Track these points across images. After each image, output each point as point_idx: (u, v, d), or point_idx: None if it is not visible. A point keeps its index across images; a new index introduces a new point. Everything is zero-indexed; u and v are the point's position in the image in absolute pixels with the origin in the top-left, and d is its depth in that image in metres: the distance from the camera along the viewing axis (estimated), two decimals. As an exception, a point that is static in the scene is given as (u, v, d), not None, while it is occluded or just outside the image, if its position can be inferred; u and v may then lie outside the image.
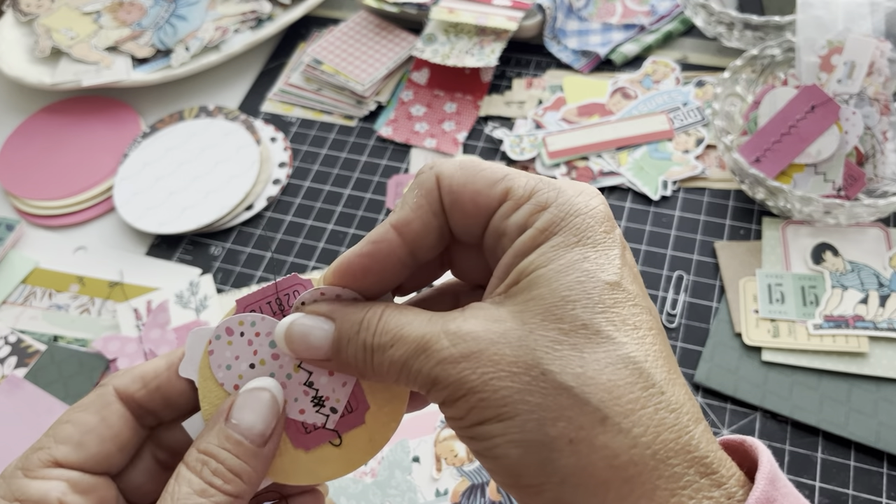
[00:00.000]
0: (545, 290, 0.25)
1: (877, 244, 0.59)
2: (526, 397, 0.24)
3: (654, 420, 0.23)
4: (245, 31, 0.81)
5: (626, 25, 0.78)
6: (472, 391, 0.24)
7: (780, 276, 0.58)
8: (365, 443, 0.30)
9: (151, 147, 0.74)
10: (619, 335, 0.24)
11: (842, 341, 0.54)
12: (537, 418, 0.23)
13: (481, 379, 0.24)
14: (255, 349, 0.30)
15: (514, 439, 0.24)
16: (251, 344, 0.30)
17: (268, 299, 0.30)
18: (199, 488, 0.27)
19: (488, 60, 0.73)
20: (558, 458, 0.23)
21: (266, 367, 0.30)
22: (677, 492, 0.23)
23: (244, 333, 0.30)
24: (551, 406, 0.23)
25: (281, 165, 0.72)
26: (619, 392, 0.23)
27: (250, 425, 0.28)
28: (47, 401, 0.58)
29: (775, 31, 0.68)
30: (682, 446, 0.23)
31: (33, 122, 0.80)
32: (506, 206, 0.27)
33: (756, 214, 0.63)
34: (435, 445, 0.52)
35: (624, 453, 0.23)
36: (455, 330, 0.25)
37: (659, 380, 0.24)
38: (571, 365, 0.24)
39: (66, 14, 0.85)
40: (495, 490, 0.50)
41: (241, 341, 0.30)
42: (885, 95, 0.60)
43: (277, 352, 0.30)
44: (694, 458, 0.23)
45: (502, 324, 0.25)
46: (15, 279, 0.67)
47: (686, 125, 0.69)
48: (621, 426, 0.23)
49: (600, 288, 0.25)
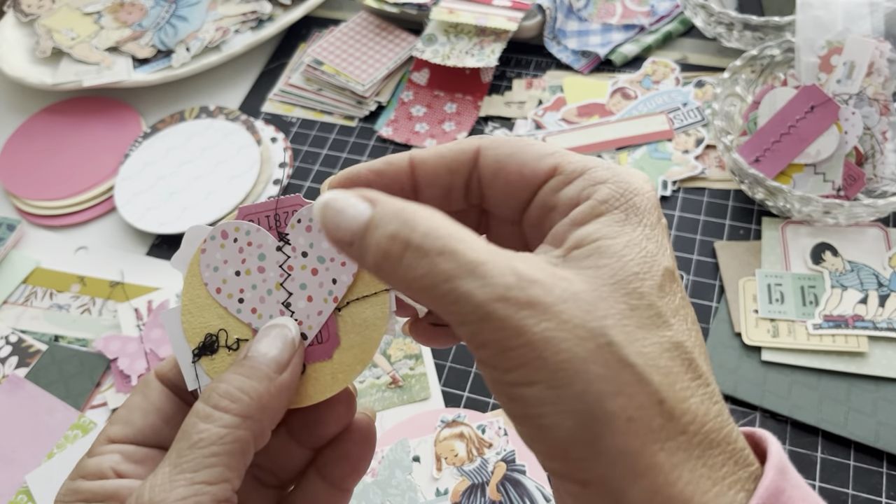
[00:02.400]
0: (615, 262, 0.24)
1: (876, 244, 0.59)
2: (588, 366, 0.22)
3: (701, 409, 0.23)
4: (245, 32, 0.81)
5: (625, 26, 0.78)
6: (530, 345, 0.22)
7: (780, 276, 0.58)
8: (328, 379, 0.29)
9: (152, 147, 0.74)
10: (675, 322, 0.24)
11: (841, 341, 0.54)
12: (598, 390, 0.22)
13: (543, 335, 0.22)
14: (244, 258, 0.30)
15: (568, 409, 0.22)
16: (241, 252, 0.30)
17: (267, 213, 0.30)
18: (205, 413, 0.26)
19: (488, 61, 0.73)
20: (613, 436, 0.22)
21: (251, 277, 0.30)
22: (718, 481, 0.23)
23: (237, 240, 0.30)
24: (613, 380, 0.22)
25: (281, 166, 0.73)
26: (674, 378, 0.23)
27: (263, 352, 0.28)
28: (48, 401, 0.58)
29: (775, 31, 0.69)
30: (724, 437, 0.23)
31: (34, 122, 0.80)
32: (556, 180, 0.27)
33: (756, 214, 0.63)
34: (435, 445, 0.53)
35: (675, 438, 0.22)
36: (524, 271, 0.23)
37: (704, 370, 0.24)
38: (637, 343, 0.23)
39: (66, 14, 0.85)
40: (495, 489, 0.50)
41: (233, 247, 0.30)
42: (884, 95, 0.60)
43: (263, 266, 0.30)
44: (734, 450, 0.23)
45: (571, 283, 0.23)
46: (16, 279, 0.67)
47: (686, 125, 0.69)
48: (675, 411, 0.22)
49: (661, 272, 0.24)
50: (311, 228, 0.30)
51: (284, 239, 0.30)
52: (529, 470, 0.51)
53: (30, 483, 0.54)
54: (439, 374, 0.57)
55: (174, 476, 0.25)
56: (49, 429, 0.57)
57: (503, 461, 0.51)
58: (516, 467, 0.51)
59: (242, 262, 0.30)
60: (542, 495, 0.50)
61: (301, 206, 0.30)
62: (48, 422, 0.57)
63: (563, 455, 0.23)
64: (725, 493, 0.23)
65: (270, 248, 0.30)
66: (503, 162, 0.27)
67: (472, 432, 0.53)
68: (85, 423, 0.57)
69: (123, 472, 0.28)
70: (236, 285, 0.30)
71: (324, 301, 0.29)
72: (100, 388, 0.59)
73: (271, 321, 0.29)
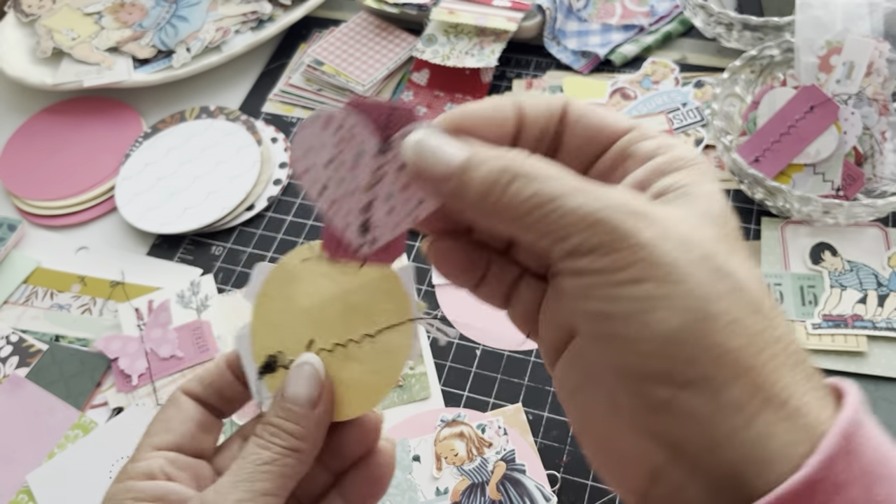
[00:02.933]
0: (704, 203, 0.26)
1: (875, 244, 0.59)
2: (694, 269, 0.24)
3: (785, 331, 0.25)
4: (246, 32, 0.81)
5: (625, 26, 0.78)
6: (641, 245, 0.24)
7: (779, 276, 0.58)
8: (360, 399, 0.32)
9: (153, 147, 0.75)
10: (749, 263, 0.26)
11: (840, 341, 0.54)
12: (705, 292, 0.23)
13: (653, 239, 0.24)
14: (341, 149, 0.30)
15: (677, 305, 0.23)
16: (341, 143, 0.30)
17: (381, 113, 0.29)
18: (261, 444, 0.30)
19: (488, 61, 0.73)
20: (717, 335, 0.23)
21: (341, 171, 0.30)
22: (810, 391, 0.24)
23: (341, 128, 0.30)
24: (716, 285, 0.24)
25: (282, 166, 0.73)
26: (762, 295, 0.25)
27: (296, 394, 0.31)
28: (49, 400, 0.59)
29: (774, 31, 0.69)
30: (804, 359, 0.25)
31: (35, 122, 0.80)
32: (635, 133, 0.29)
33: (755, 214, 0.63)
34: (435, 444, 0.53)
35: (771, 347, 0.24)
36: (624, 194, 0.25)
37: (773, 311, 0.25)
38: (730, 262, 0.24)
39: (67, 15, 0.85)
40: (495, 489, 0.50)
41: (333, 134, 0.30)
42: (883, 95, 0.60)
43: (358, 163, 0.29)
44: (813, 372, 0.25)
45: (672, 210, 0.26)
46: (17, 279, 0.67)
47: (685, 125, 0.69)
48: (769, 321, 0.24)
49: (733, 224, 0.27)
50: None
51: (388, 145, 0.29)
52: (529, 469, 0.51)
53: (30, 483, 0.54)
54: (439, 374, 0.57)
55: (237, 483, 0.29)
56: (50, 428, 0.57)
57: (503, 461, 0.51)
58: (516, 467, 0.51)
59: (339, 152, 0.30)
60: (542, 495, 0.50)
61: (414, 122, 0.29)
62: (49, 421, 0.57)
63: (667, 352, 0.24)
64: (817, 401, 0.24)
65: (371, 150, 0.29)
66: (588, 113, 0.30)
67: (472, 432, 0.53)
68: (86, 422, 0.57)
69: (171, 475, 0.31)
70: (324, 175, 0.30)
71: (404, 215, 0.29)
72: (100, 387, 0.59)
73: (298, 361, 0.32)
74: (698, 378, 0.23)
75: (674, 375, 0.24)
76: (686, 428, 0.24)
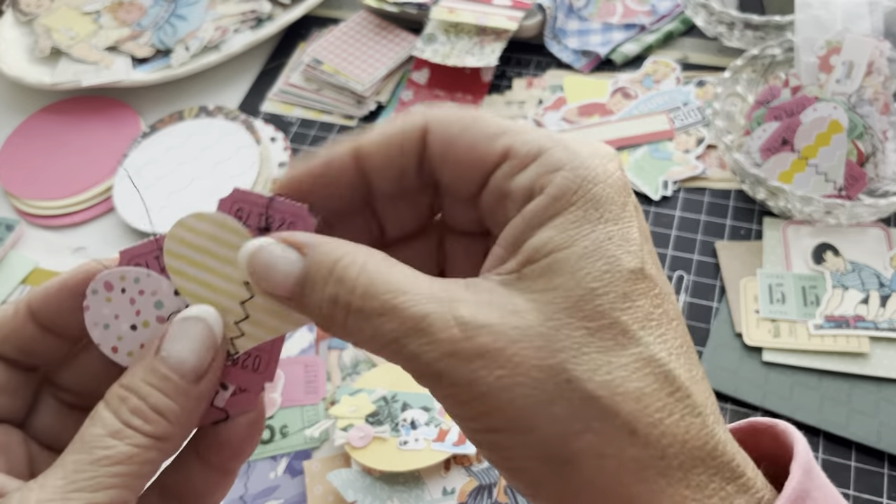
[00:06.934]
0: (569, 280, 0.22)
1: (878, 244, 0.59)
2: (549, 408, 0.21)
3: (680, 428, 0.22)
4: (245, 31, 0.81)
5: (626, 25, 0.78)
6: (487, 395, 0.21)
7: (781, 277, 0.58)
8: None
9: (151, 147, 0.74)
10: (643, 334, 0.22)
11: (843, 341, 0.54)
12: (561, 432, 0.21)
13: (499, 383, 0.21)
14: (139, 309, 0.26)
15: (534, 454, 0.21)
16: (133, 303, 0.26)
17: (155, 253, 0.26)
18: (114, 429, 0.23)
19: (488, 60, 0.73)
20: (584, 474, 0.21)
21: (150, 329, 0.26)
22: (704, 501, 0.21)
23: (126, 290, 0.26)
24: (577, 417, 0.21)
25: (281, 165, 0.72)
26: (647, 401, 0.21)
27: (181, 359, 0.24)
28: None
29: (776, 30, 0.68)
30: (708, 452, 0.22)
31: (33, 122, 0.80)
32: (508, 165, 0.24)
33: (757, 214, 0.63)
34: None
35: (653, 466, 0.21)
36: (468, 318, 0.22)
37: (684, 381, 0.22)
38: (600, 371, 0.21)
39: (65, 14, 0.85)
40: (503, 492, 0.50)
41: (121, 298, 0.26)
42: (884, 95, 0.60)
43: (163, 315, 0.26)
44: (720, 464, 0.22)
45: (522, 317, 0.22)
46: (14, 279, 0.67)
47: (686, 125, 0.69)
48: (650, 438, 0.21)
49: (625, 278, 0.22)
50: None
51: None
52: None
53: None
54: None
55: (69, 493, 0.22)
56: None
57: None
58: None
59: (137, 313, 0.26)
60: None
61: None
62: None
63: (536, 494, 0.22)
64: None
65: (168, 294, 0.26)
66: (452, 142, 0.25)
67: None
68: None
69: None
70: (136, 341, 0.26)
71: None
72: (99, 388, 0.59)
73: (188, 311, 0.25)
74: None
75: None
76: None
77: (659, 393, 0.22)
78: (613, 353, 0.22)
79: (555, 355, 0.21)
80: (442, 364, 0.21)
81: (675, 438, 0.21)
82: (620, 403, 0.21)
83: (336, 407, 0.53)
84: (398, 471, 0.50)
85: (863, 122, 0.58)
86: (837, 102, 0.58)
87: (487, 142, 0.24)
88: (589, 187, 0.23)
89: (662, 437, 0.21)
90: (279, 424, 0.55)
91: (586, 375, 0.21)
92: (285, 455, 0.54)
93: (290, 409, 0.56)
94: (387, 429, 0.51)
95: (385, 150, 0.25)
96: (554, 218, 0.23)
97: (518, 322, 0.22)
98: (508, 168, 0.24)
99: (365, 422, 0.52)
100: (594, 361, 0.21)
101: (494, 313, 0.22)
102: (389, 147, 0.25)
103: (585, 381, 0.21)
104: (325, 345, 0.59)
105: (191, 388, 0.24)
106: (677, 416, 0.22)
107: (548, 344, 0.21)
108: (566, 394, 0.21)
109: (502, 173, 0.24)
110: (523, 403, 0.21)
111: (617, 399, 0.21)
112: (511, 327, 0.22)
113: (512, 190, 0.24)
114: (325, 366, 0.58)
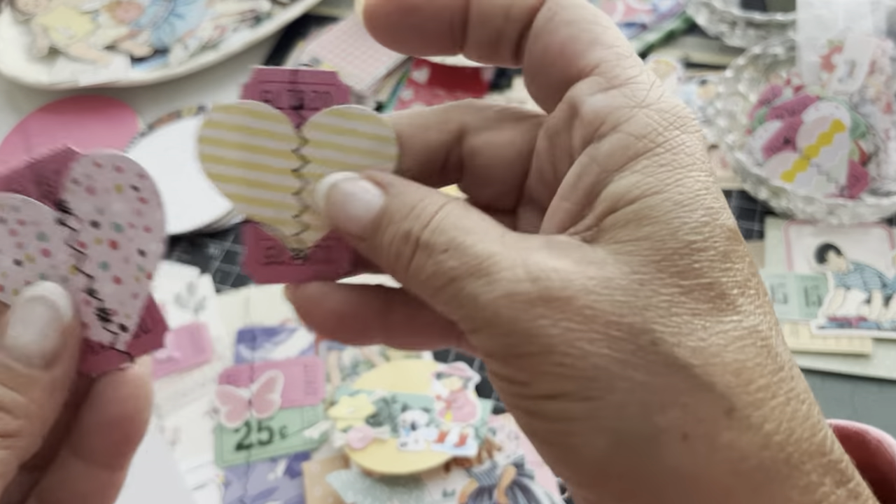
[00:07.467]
0: (662, 229, 0.19)
1: (880, 244, 0.59)
2: (628, 371, 0.18)
3: (786, 413, 0.18)
4: (243, 30, 0.81)
5: (627, 24, 0.77)
6: (548, 350, 0.18)
7: (783, 277, 0.58)
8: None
9: (149, 146, 0.74)
10: (743, 301, 0.19)
11: (845, 342, 0.54)
12: (642, 402, 0.17)
13: (564, 336, 0.18)
14: (20, 241, 0.23)
15: (605, 426, 0.18)
16: (14, 234, 0.23)
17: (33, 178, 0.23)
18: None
19: (489, 59, 0.73)
20: (665, 458, 0.17)
21: (36, 264, 0.23)
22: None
23: (4, 220, 0.23)
24: (662, 388, 0.17)
25: (280, 165, 0.72)
26: (748, 375, 0.18)
27: (25, 343, 0.21)
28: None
29: (778, 29, 0.68)
30: (817, 447, 0.18)
31: (31, 121, 0.79)
32: (592, 80, 0.21)
33: (759, 214, 0.63)
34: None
35: (753, 456, 0.17)
36: (539, 260, 0.19)
37: (786, 361, 0.19)
38: (693, 337, 0.18)
39: (63, 13, 0.84)
40: (503, 494, 0.50)
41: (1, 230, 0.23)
42: (887, 94, 0.60)
43: (48, 248, 0.23)
44: (829, 463, 0.18)
45: (601, 267, 0.18)
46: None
47: (688, 124, 0.69)
48: (751, 420, 0.17)
49: (725, 235, 0.19)
50: (93, 189, 0.23)
51: (64, 208, 0.23)
52: (538, 476, 0.50)
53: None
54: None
55: None
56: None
57: (513, 465, 0.51)
58: (525, 473, 0.51)
59: (19, 246, 0.23)
60: (551, 502, 0.49)
61: (72, 161, 0.23)
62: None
63: (598, 482, 0.18)
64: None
65: (49, 224, 0.23)
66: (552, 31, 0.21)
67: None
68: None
69: None
70: (21, 277, 0.23)
71: (135, 280, 0.24)
72: (97, 389, 0.59)
73: (28, 291, 0.22)
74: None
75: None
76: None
77: (762, 369, 0.18)
78: (710, 317, 0.18)
79: (639, 313, 0.18)
80: (497, 305, 0.18)
81: (780, 425, 0.18)
82: (715, 375, 0.18)
83: (335, 408, 0.53)
84: (398, 472, 0.50)
85: (865, 122, 0.58)
86: (840, 102, 0.58)
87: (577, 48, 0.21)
88: (675, 133, 0.20)
89: (766, 422, 0.18)
90: (278, 425, 0.55)
91: (676, 339, 0.18)
92: (284, 456, 0.54)
93: (290, 410, 0.56)
94: (386, 430, 0.51)
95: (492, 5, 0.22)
96: (637, 159, 0.19)
97: (595, 273, 0.18)
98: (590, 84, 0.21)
99: (364, 423, 0.51)
100: (687, 325, 0.18)
101: (571, 264, 0.19)
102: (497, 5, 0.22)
103: (674, 346, 0.18)
104: (325, 345, 0.59)
105: (41, 376, 0.21)
106: (782, 398, 0.18)
107: (631, 300, 0.18)
108: (649, 357, 0.18)
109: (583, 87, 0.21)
110: (596, 362, 0.18)
111: (712, 370, 0.18)
112: (586, 277, 0.18)
113: (585, 110, 0.20)
114: (325, 366, 0.57)
